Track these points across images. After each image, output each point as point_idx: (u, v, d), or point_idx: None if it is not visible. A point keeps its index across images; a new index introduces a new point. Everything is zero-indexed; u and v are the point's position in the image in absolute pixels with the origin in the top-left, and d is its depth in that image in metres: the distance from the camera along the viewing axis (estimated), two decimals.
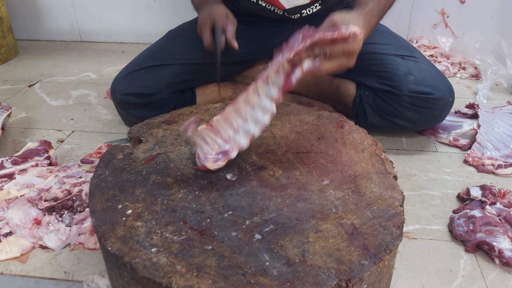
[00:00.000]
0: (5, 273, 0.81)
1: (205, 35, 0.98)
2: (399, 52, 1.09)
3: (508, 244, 0.80)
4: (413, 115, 1.07)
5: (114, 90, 1.13)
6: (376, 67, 1.09)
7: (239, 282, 0.52)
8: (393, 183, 0.69)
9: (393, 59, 1.08)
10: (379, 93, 1.09)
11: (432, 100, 1.04)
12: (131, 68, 1.14)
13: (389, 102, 1.07)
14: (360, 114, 1.14)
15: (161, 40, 1.21)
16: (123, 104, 1.13)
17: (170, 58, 1.13)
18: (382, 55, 1.09)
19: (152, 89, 1.10)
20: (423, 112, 1.06)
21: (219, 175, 0.71)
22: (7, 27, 1.77)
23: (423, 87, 1.04)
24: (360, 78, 1.13)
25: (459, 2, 1.70)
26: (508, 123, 1.17)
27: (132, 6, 1.87)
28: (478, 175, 1.05)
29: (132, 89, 1.11)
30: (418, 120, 1.08)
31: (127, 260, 0.55)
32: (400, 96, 1.05)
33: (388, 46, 1.11)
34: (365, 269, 0.54)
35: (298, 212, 0.63)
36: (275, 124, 0.86)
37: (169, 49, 1.15)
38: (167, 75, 1.12)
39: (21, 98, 1.47)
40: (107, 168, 0.73)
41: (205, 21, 0.98)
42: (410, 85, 1.04)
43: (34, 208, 0.87)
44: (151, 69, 1.12)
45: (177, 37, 1.19)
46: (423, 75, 1.05)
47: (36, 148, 1.04)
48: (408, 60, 1.08)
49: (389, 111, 1.08)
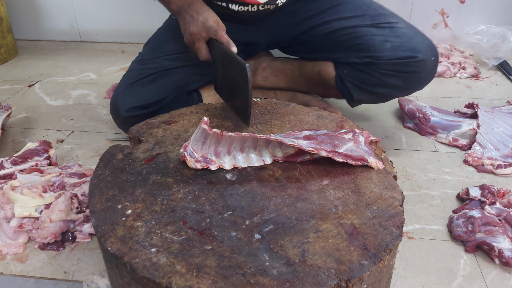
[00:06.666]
0: (5, 273, 0.81)
1: (201, 49, 0.92)
2: (373, 21, 1.07)
3: (508, 244, 0.80)
4: (397, 82, 1.04)
5: (117, 107, 1.06)
6: (352, 41, 1.07)
7: (239, 282, 0.52)
8: (393, 183, 0.69)
9: (368, 30, 1.05)
10: (359, 67, 1.07)
11: (414, 63, 1.01)
12: (127, 81, 1.09)
13: (371, 73, 1.05)
14: (345, 93, 1.13)
15: (146, 50, 1.17)
16: (129, 119, 1.05)
17: (163, 64, 1.10)
18: (356, 28, 1.07)
19: (157, 96, 1.06)
20: (407, 77, 1.03)
21: (219, 175, 0.71)
22: (6, 27, 1.77)
23: (402, 52, 1.01)
24: (339, 56, 1.11)
25: (459, 2, 1.71)
26: (507, 123, 1.17)
27: (132, 6, 1.87)
28: (477, 175, 1.05)
29: (137, 102, 1.05)
30: (404, 86, 1.05)
31: (127, 260, 0.55)
32: (380, 65, 1.03)
33: (362, 17, 1.08)
34: (365, 269, 0.54)
35: (298, 212, 0.63)
36: (275, 124, 0.86)
37: (159, 56, 1.11)
38: (167, 81, 1.09)
39: (21, 98, 1.47)
40: (106, 168, 0.73)
41: (199, 33, 0.90)
42: (388, 53, 1.02)
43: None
44: (150, 79, 1.08)
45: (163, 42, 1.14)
46: (401, 40, 1.02)
47: (36, 148, 1.04)
48: (383, 28, 1.05)
49: (372, 82, 1.06)
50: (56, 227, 0.84)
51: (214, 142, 0.71)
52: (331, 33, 1.10)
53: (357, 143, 0.75)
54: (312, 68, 1.19)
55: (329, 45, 1.12)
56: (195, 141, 0.72)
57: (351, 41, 1.07)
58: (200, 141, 0.71)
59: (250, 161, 0.73)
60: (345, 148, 0.73)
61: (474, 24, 1.69)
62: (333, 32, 1.10)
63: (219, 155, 0.72)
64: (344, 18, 1.08)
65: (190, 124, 0.86)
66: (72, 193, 0.90)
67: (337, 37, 1.09)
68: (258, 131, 0.84)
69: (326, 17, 1.11)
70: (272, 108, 0.91)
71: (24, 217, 0.86)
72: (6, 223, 0.86)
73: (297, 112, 0.90)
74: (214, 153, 0.72)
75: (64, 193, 0.89)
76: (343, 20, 1.08)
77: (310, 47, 1.16)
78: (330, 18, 1.10)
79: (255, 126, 0.85)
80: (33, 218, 0.86)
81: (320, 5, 1.12)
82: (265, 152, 0.74)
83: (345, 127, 0.84)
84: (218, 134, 0.69)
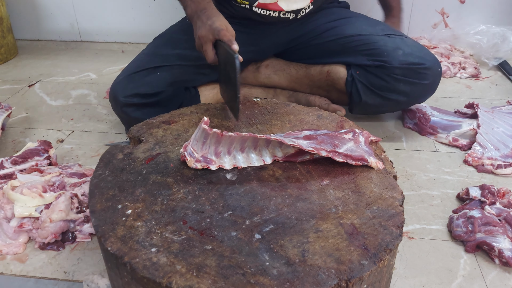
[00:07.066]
0: (5, 273, 0.81)
1: (208, 51, 0.94)
2: (384, 32, 1.15)
3: (508, 244, 0.80)
4: (405, 87, 1.11)
5: (116, 94, 1.08)
6: (365, 47, 1.13)
7: (239, 282, 0.52)
8: (393, 183, 0.69)
9: (380, 38, 1.13)
10: (370, 69, 1.12)
11: (423, 70, 1.08)
12: (129, 71, 1.11)
13: (381, 77, 1.11)
14: (354, 93, 1.16)
15: (155, 44, 1.19)
16: (127, 107, 1.08)
17: (169, 59, 1.12)
18: (369, 36, 1.14)
19: (156, 88, 1.08)
20: (415, 83, 1.09)
21: (219, 175, 0.71)
22: (7, 27, 1.77)
23: (413, 58, 1.08)
24: (351, 59, 1.16)
25: (459, 2, 1.71)
26: (508, 123, 1.17)
27: (132, 6, 1.87)
28: (478, 175, 1.05)
29: (136, 90, 1.07)
30: (411, 92, 1.11)
31: (127, 260, 0.55)
32: (392, 69, 1.09)
33: (374, 28, 1.16)
34: (365, 269, 0.54)
35: (298, 212, 0.63)
36: (275, 124, 0.86)
37: (167, 51, 1.14)
38: (169, 75, 1.11)
39: (21, 98, 1.47)
40: (107, 168, 0.73)
41: (207, 36, 0.93)
42: (400, 58, 1.08)
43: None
44: (152, 70, 1.10)
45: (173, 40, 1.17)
46: (411, 49, 1.10)
47: (36, 148, 1.04)
48: (394, 38, 1.13)
49: (382, 86, 1.11)
50: (56, 227, 0.84)
51: (214, 142, 0.71)
52: (344, 38, 1.16)
53: (357, 143, 0.75)
54: (321, 68, 1.22)
55: (341, 49, 1.17)
56: (195, 141, 0.72)
57: (364, 47, 1.14)
58: (200, 141, 0.71)
59: (250, 161, 0.73)
60: (345, 148, 0.73)
61: (474, 24, 1.69)
62: (346, 38, 1.16)
63: (219, 155, 0.72)
64: (357, 26, 1.16)
65: (190, 124, 0.86)
66: (72, 193, 0.90)
67: (349, 42, 1.16)
68: (258, 131, 0.84)
69: (339, 24, 1.18)
70: (272, 108, 0.91)
71: (24, 217, 0.86)
72: (6, 223, 0.86)
73: (297, 112, 0.90)
74: (214, 153, 0.72)
75: (64, 193, 0.89)
76: (357, 28, 1.16)
77: (321, 51, 1.20)
78: (344, 25, 1.18)
79: (255, 126, 0.85)
80: (33, 218, 0.86)
81: (332, 15, 1.20)
82: (265, 152, 0.74)
83: (345, 127, 0.84)
84: (218, 134, 0.69)
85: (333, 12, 1.22)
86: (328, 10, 1.22)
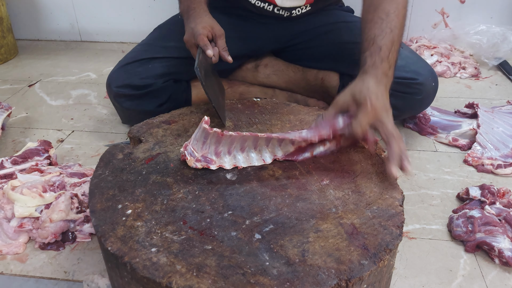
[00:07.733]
0: (5, 272, 0.81)
1: (194, 55, 0.95)
2: None
3: (508, 244, 0.80)
4: (396, 101, 1.05)
5: (110, 83, 1.14)
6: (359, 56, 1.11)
7: (239, 282, 0.52)
8: (393, 183, 0.69)
9: None
10: None
11: (415, 85, 1.05)
12: (124, 61, 1.15)
13: None
14: None
15: (153, 35, 1.22)
16: (118, 97, 1.13)
17: (163, 51, 1.14)
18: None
19: (146, 80, 1.11)
20: (407, 98, 1.07)
21: (219, 175, 0.71)
22: (7, 27, 1.77)
23: (405, 73, 1.05)
24: (344, 68, 1.15)
25: (459, 2, 1.71)
26: (507, 123, 1.17)
27: (132, 6, 1.87)
28: (477, 175, 1.05)
29: (127, 81, 1.11)
30: (403, 106, 1.08)
31: (127, 260, 0.55)
32: None
33: None
34: (365, 269, 0.54)
35: (298, 212, 0.63)
36: (275, 124, 0.86)
37: (162, 43, 1.16)
38: (160, 67, 1.12)
39: (21, 98, 1.47)
40: (107, 168, 0.73)
41: (190, 41, 0.95)
42: None
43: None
44: (145, 62, 1.12)
45: (169, 32, 1.19)
46: (405, 61, 1.07)
47: (36, 148, 1.04)
48: None
49: None
50: (56, 227, 0.84)
51: (215, 141, 0.71)
52: (340, 44, 1.14)
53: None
54: (316, 74, 1.21)
55: (335, 54, 1.15)
56: (196, 140, 0.72)
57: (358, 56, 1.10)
58: (201, 140, 0.71)
59: (250, 160, 0.73)
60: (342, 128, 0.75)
61: (474, 24, 1.69)
62: (342, 44, 1.14)
63: (220, 154, 0.73)
64: (355, 33, 1.11)
65: (190, 124, 0.86)
66: (72, 193, 0.90)
67: (344, 50, 1.13)
68: (258, 131, 0.84)
69: (336, 28, 1.16)
70: (272, 108, 0.91)
71: (24, 217, 0.86)
72: (6, 223, 0.86)
73: (297, 112, 0.90)
74: (214, 152, 0.72)
75: (64, 193, 0.89)
76: (354, 35, 1.11)
77: (317, 54, 1.19)
78: (342, 30, 1.16)
79: (255, 126, 0.85)
80: (33, 218, 0.86)
81: (332, 18, 1.18)
82: (265, 151, 0.74)
83: None
84: (219, 133, 0.70)
85: (333, 14, 1.21)
86: (328, 12, 1.21)
